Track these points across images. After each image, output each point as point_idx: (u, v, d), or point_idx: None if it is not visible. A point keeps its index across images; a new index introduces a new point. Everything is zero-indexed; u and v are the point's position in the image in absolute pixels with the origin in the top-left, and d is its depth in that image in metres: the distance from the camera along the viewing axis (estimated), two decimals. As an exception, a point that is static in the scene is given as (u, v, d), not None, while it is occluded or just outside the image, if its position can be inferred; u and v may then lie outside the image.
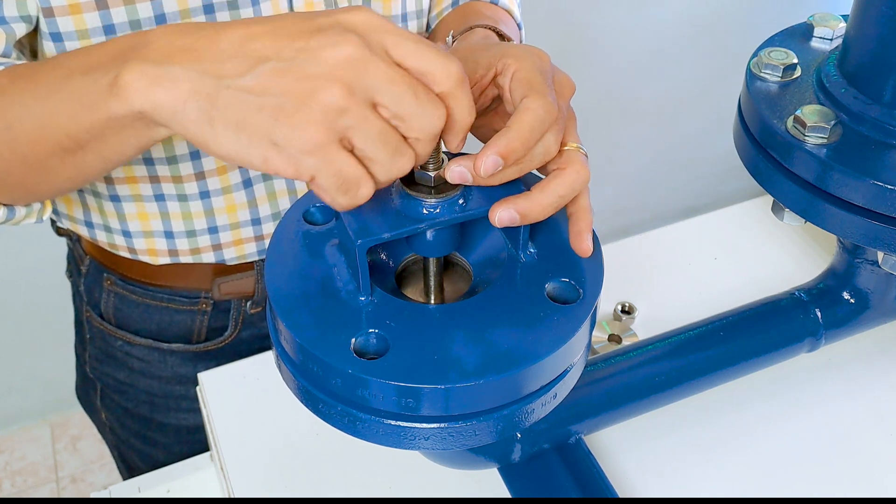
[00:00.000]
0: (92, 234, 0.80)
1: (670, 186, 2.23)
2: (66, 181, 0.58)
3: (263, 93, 0.42)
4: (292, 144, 0.42)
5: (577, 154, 0.52)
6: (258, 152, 0.43)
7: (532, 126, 0.48)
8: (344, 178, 0.43)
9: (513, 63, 0.52)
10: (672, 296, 0.84)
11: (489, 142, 0.48)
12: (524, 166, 0.50)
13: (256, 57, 0.43)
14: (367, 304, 0.48)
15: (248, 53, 0.43)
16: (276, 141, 0.42)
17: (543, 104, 0.49)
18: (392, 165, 0.44)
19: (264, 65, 0.42)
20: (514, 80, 0.51)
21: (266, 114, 0.42)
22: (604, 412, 0.65)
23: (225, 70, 0.43)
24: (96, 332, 0.88)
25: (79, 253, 0.87)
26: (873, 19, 0.56)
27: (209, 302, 0.84)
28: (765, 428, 0.72)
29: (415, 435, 0.47)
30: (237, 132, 0.43)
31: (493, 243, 0.54)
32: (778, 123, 0.58)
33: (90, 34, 0.65)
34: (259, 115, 0.42)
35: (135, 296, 0.84)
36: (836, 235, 0.64)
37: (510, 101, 0.52)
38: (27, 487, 1.86)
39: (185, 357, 0.87)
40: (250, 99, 0.42)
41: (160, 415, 0.91)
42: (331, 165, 0.43)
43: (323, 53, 0.42)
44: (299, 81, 0.42)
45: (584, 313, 0.48)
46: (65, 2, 0.63)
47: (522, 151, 0.48)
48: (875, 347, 0.77)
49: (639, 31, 1.92)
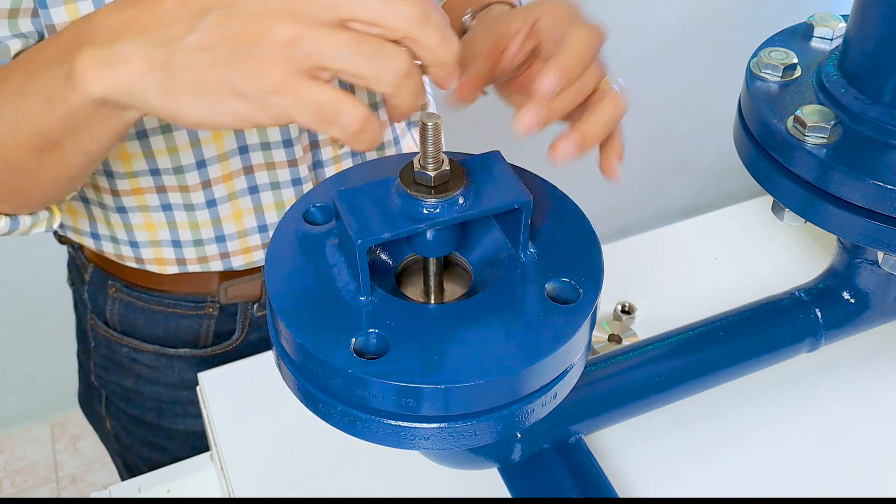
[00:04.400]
0: (98, 245, 0.79)
1: (670, 186, 2.23)
2: (53, 182, 0.57)
3: (213, 46, 0.40)
4: (256, 88, 0.40)
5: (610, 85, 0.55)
6: (226, 108, 0.41)
7: (585, 45, 0.51)
8: (321, 107, 0.41)
9: (549, 9, 0.55)
10: (672, 296, 0.84)
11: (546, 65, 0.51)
12: (578, 92, 0.52)
13: (198, 10, 0.41)
14: (367, 304, 0.48)
15: (189, 10, 0.41)
16: (239, 90, 0.41)
17: (589, 28, 0.52)
18: (382, 70, 0.41)
19: (207, 17, 0.40)
20: (555, 19, 0.54)
21: (221, 66, 0.40)
22: (604, 412, 0.65)
23: (171, 34, 0.41)
24: (101, 339, 0.88)
25: (81, 261, 0.86)
26: (873, 19, 0.56)
27: (216, 306, 0.83)
28: (765, 428, 0.72)
29: (415, 435, 0.47)
30: (200, 93, 0.41)
31: (493, 243, 0.54)
32: (778, 123, 0.58)
33: None
34: (215, 70, 0.40)
35: (140, 302, 0.83)
36: (836, 235, 0.64)
37: (550, 41, 0.54)
38: (27, 487, 1.86)
39: (192, 362, 0.86)
40: (203, 56, 0.40)
41: (167, 421, 0.90)
42: (301, 99, 0.40)
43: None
44: (245, 24, 0.40)
45: (584, 313, 0.48)
46: (67, 17, 0.62)
47: (579, 69, 0.51)
48: (875, 347, 0.77)
49: (638, 31, 1.92)
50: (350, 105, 0.41)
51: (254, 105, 0.41)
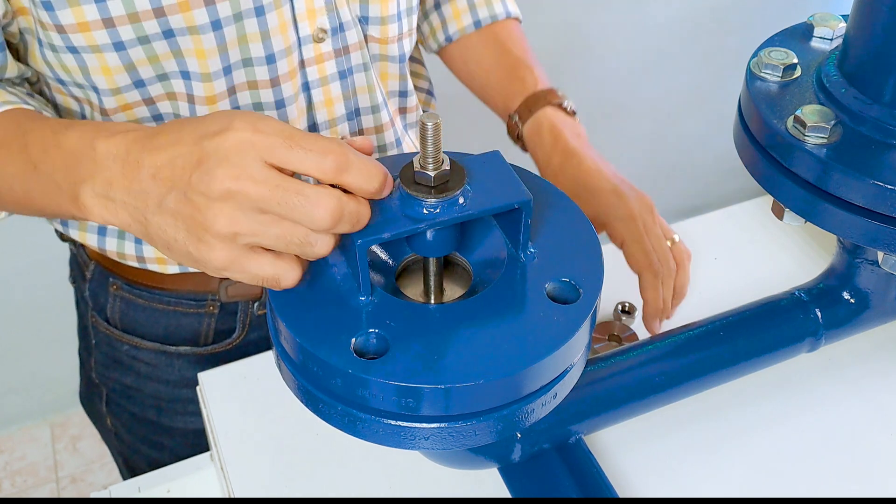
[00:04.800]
0: (102, 243, 0.79)
1: (670, 186, 2.23)
2: (12, 209, 0.66)
3: (174, 222, 0.49)
4: (207, 267, 0.49)
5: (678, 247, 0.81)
6: (190, 264, 0.50)
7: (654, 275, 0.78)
8: (263, 279, 0.48)
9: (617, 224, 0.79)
10: (672, 296, 0.84)
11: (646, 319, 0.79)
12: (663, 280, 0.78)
13: (166, 188, 0.48)
14: (367, 303, 0.48)
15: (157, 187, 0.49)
16: (195, 260, 0.49)
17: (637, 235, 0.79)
18: (311, 252, 0.48)
19: (170, 196, 0.48)
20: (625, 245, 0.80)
21: (181, 239, 0.49)
22: (604, 412, 0.65)
23: (145, 202, 0.50)
24: (102, 337, 0.88)
25: (83, 259, 0.86)
26: (873, 19, 0.56)
27: (216, 304, 0.84)
28: (765, 428, 0.72)
29: (415, 435, 0.47)
30: (168, 250, 0.50)
31: (493, 243, 0.54)
32: (778, 123, 0.58)
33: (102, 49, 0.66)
34: (178, 240, 0.49)
35: (141, 300, 0.84)
36: (836, 235, 0.64)
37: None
38: (27, 487, 1.86)
39: (193, 360, 0.87)
40: (168, 228, 0.49)
41: (167, 419, 0.90)
42: (245, 273, 0.48)
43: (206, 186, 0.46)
44: (194, 212, 0.47)
45: (583, 313, 0.48)
46: (73, 20, 0.63)
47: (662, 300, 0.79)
48: (875, 348, 0.77)
49: (638, 32, 1.92)
50: (288, 270, 0.48)
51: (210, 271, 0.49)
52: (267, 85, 0.72)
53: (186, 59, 0.67)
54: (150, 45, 0.66)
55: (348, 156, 0.47)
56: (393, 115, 0.83)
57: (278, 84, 0.72)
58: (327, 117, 0.77)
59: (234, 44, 0.68)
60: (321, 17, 0.72)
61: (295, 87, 0.73)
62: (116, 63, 0.66)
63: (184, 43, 0.66)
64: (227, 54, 0.68)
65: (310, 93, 0.75)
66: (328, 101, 0.76)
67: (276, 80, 0.72)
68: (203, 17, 0.65)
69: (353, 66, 0.76)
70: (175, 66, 0.68)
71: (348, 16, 0.73)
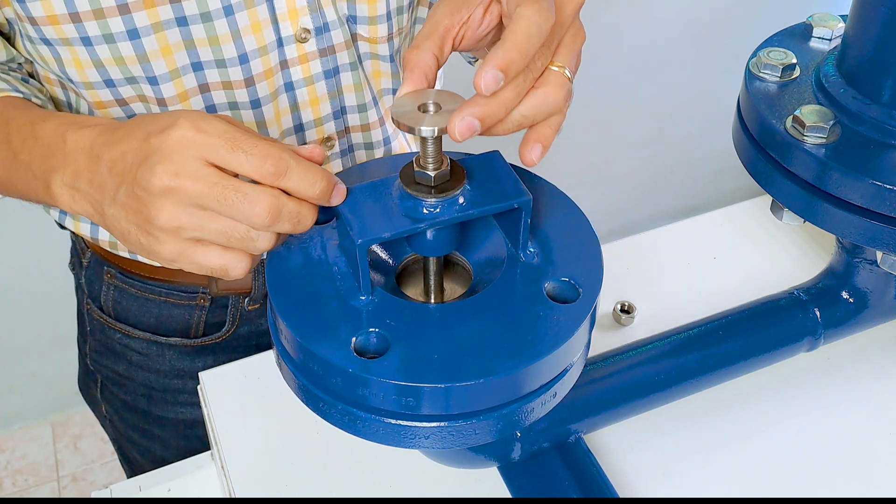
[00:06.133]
0: (94, 232, 0.80)
1: (670, 186, 2.23)
2: None
3: (126, 215, 0.51)
4: (159, 258, 0.51)
5: (557, 76, 0.50)
6: (144, 255, 0.52)
7: (528, 34, 0.47)
8: (212, 269, 0.50)
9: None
10: (672, 295, 0.84)
11: (486, 58, 0.47)
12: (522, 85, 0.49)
13: (119, 181, 0.51)
14: (367, 303, 0.49)
15: (112, 180, 0.51)
16: (148, 251, 0.51)
17: (538, 10, 0.48)
18: (253, 247, 0.49)
19: (122, 189, 0.50)
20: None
21: (133, 231, 0.51)
22: (604, 411, 0.65)
23: (102, 194, 0.52)
24: (96, 324, 0.89)
25: (81, 246, 0.87)
26: (872, 19, 0.56)
27: (207, 298, 0.84)
28: (764, 427, 0.72)
29: (415, 434, 0.47)
30: (125, 241, 0.52)
31: (493, 243, 0.54)
32: (777, 123, 0.59)
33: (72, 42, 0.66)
34: (130, 232, 0.51)
35: (134, 289, 0.84)
36: (835, 235, 0.64)
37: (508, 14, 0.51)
38: (28, 486, 1.86)
39: (183, 351, 0.87)
40: (121, 217, 0.51)
41: (158, 408, 0.91)
42: (194, 264, 0.50)
43: (147, 181, 0.48)
44: (141, 206, 0.49)
45: (583, 312, 0.48)
46: (43, 12, 0.64)
47: (521, 63, 0.47)
48: (874, 347, 0.78)
49: (638, 31, 1.92)
50: (235, 261, 0.50)
51: (161, 261, 0.51)
52: (241, 85, 0.71)
53: (153, 62, 0.67)
54: (115, 44, 0.66)
55: (288, 161, 0.48)
56: (385, 114, 0.83)
57: (253, 84, 0.72)
58: (312, 116, 0.77)
59: (204, 42, 0.68)
60: (304, 17, 0.71)
61: (272, 86, 0.73)
62: (86, 57, 0.67)
63: (149, 44, 0.66)
64: (195, 51, 0.68)
65: (294, 92, 0.75)
66: (313, 100, 0.76)
67: (250, 80, 0.71)
68: (168, 13, 0.65)
69: (339, 66, 0.76)
70: (141, 72, 0.68)
71: (334, 15, 0.73)
